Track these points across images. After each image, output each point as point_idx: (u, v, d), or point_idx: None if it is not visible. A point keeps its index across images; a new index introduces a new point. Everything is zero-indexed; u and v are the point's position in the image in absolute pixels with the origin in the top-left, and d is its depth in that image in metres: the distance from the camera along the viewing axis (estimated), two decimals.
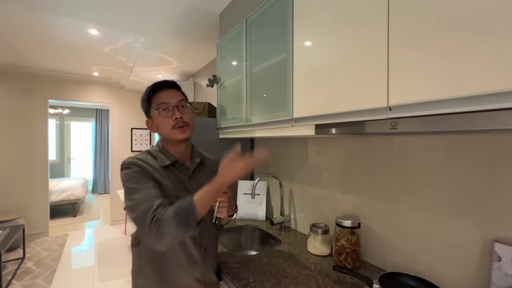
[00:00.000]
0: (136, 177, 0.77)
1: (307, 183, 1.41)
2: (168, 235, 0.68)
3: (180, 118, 0.85)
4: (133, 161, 0.80)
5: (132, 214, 0.72)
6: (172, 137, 0.85)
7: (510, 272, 0.67)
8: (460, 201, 0.80)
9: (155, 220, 0.68)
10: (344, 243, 1.05)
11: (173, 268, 0.82)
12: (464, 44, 0.52)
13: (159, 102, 0.85)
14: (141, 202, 0.72)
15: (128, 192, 0.75)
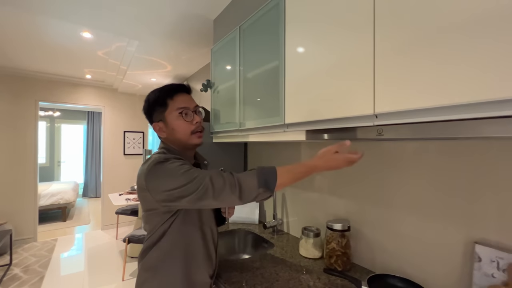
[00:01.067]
0: (183, 162, 0.76)
1: (300, 187, 1.43)
2: (251, 193, 0.71)
3: (199, 123, 0.87)
4: (169, 156, 0.78)
5: (200, 181, 0.70)
6: (189, 141, 0.86)
7: (490, 272, 0.70)
8: (444, 205, 0.83)
9: (239, 181, 0.70)
10: (335, 246, 1.07)
11: (197, 263, 0.85)
12: (445, 56, 0.55)
13: (180, 106, 0.84)
14: (204, 173, 0.72)
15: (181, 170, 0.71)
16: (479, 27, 0.50)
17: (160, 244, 0.81)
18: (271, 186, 0.72)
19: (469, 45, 0.51)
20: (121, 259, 2.94)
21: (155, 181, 0.73)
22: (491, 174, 0.73)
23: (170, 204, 0.73)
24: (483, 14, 0.49)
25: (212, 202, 0.71)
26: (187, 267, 0.83)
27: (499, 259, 0.69)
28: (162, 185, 0.72)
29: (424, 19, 0.59)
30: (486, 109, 0.51)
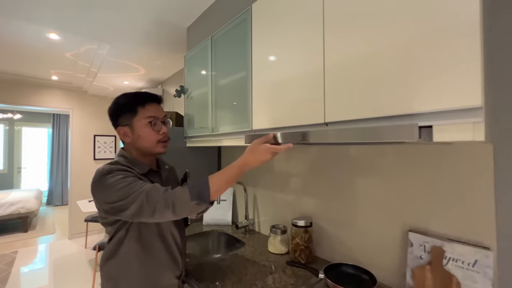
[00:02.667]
0: (125, 175, 0.77)
1: (270, 189, 1.53)
2: (185, 208, 0.73)
3: (166, 133, 0.90)
4: (113, 167, 0.79)
5: (135, 197, 0.72)
6: (154, 150, 0.88)
7: (419, 255, 0.84)
8: (386, 202, 0.97)
9: (171, 197, 0.72)
10: (299, 241, 1.17)
11: (160, 268, 0.86)
12: (367, 81, 0.67)
13: (149, 115, 0.86)
14: (143, 187, 0.73)
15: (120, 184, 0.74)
16: (387, 64, 0.63)
17: (118, 254, 0.82)
18: (204, 197, 0.74)
19: (380, 76, 0.64)
20: (90, 269, 2.82)
21: (98, 193, 0.77)
22: (418, 174, 0.88)
23: (114, 216, 0.76)
24: (387, 61, 0.62)
25: (149, 218, 0.73)
26: (150, 273, 0.84)
27: (425, 243, 0.83)
28: (104, 197, 0.75)
29: (354, 53, 0.71)
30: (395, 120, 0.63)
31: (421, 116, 0.60)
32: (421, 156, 0.88)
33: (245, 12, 1.16)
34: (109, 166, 0.80)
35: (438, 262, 0.78)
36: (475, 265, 0.73)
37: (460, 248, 0.76)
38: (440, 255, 0.79)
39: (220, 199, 1.72)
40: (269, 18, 1.02)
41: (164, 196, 0.73)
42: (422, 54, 0.59)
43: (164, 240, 0.88)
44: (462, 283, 0.74)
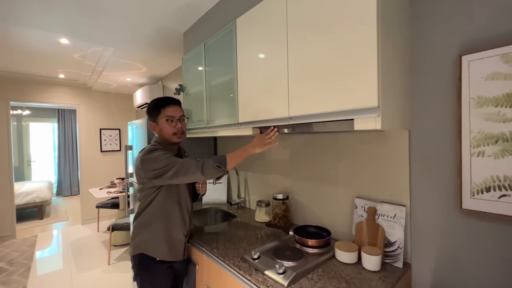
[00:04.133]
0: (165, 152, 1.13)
1: (257, 172, 1.81)
2: (211, 171, 1.09)
3: (180, 128, 1.24)
4: (157, 146, 1.17)
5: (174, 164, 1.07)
6: (171, 139, 1.23)
7: (360, 214, 1.13)
8: (341, 176, 1.25)
9: (202, 163, 1.09)
10: (278, 211, 1.47)
11: (174, 225, 1.20)
12: (323, 84, 0.94)
13: (168, 114, 1.22)
14: (179, 159, 1.10)
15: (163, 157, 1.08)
16: (329, 73, 0.89)
17: (148, 210, 1.17)
18: (223, 164, 1.13)
19: (326, 81, 0.90)
20: (104, 248, 3.17)
21: (146, 164, 1.10)
22: (362, 156, 1.16)
23: (156, 180, 1.09)
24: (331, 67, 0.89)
25: (183, 178, 1.09)
26: (167, 227, 1.18)
27: (365, 205, 1.12)
28: (150, 166, 1.09)
29: (310, 62, 0.97)
30: (341, 115, 0.90)
31: (348, 112, 0.87)
32: (364, 142, 1.15)
33: (231, 25, 1.40)
34: (154, 146, 1.17)
35: (372, 218, 1.07)
36: (394, 217, 1.02)
37: (387, 206, 1.05)
38: (373, 213, 1.08)
39: (217, 181, 2.01)
40: (249, 31, 1.27)
41: (195, 162, 1.10)
42: (346, 70, 0.85)
43: (180, 206, 1.22)
44: (386, 230, 1.03)
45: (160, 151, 1.12)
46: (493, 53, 0.79)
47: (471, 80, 0.84)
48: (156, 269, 1.16)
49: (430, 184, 0.96)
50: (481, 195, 0.82)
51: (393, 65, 0.87)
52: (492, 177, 0.80)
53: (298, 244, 1.17)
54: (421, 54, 0.97)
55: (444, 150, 0.92)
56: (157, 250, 1.16)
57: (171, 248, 1.18)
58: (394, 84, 0.88)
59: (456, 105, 0.88)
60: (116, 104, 4.53)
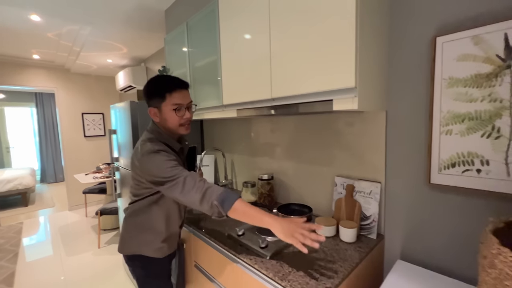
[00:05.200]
0: (169, 157, 0.95)
1: (244, 154, 1.84)
2: (208, 201, 0.85)
3: (188, 119, 1.05)
4: (159, 148, 0.96)
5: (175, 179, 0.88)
6: (177, 131, 1.05)
7: (339, 191, 1.19)
8: (323, 156, 1.30)
9: (204, 192, 0.85)
10: (263, 191, 1.52)
11: (173, 221, 1.13)
12: (302, 67, 0.95)
13: (175, 102, 1.00)
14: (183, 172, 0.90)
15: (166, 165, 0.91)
16: (310, 54, 0.90)
17: (147, 210, 1.06)
18: (225, 206, 0.85)
19: (307, 63, 0.91)
20: (94, 233, 3.18)
21: (147, 165, 0.95)
22: (342, 137, 1.20)
23: (152, 185, 0.96)
24: (309, 46, 0.89)
25: (178, 196, 0.89)
26: (167, 227, 1.12)
27: (344, 183, 1.18)
28: (150, 171, 0.93)
29: (295, 41, 0.97)
30: (326, 95, 0.92)
31: (327, 93, 0.89)
32: (344, 123, 1.19)
33: (213, 3, 1.36)
34: (155, 146, 0.96)
35: (350, 194, 1.14)
36: (370, 193, 1.09)
37: (364, 183, 1.11)
38: (351, 190, 1.14)
39: (204, 164, 2.03)
40: (232, 11, 1.24)
41: (199, 184, 0.88)
42: (326, 53, 0.86)
43: (179, 206, 1.14)
44: (362, 205, 1.10)
45: (163, 154, 0.95)
46: (465, 35, 0.82)
47: (444, 61, 0.87)
48: (157, 266, 1.13)
49: (404, 162, 1.02)
50: (447, 171, 0.89)
51: (371, 47, 0.89)
52: (457, 153, 0.86)
53: None
54: (399, 36, 0.99)
55: (417, 129, 0.97)
56: (158, 251, 1.11)
57: (169, 244, 1.16)
58: (371, 65, 0.90)
59: (429, 86, 0.92)
60: (98, 87, 4.35)
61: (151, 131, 1.07)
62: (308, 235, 0.76)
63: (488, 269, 0.50)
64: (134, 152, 1.04)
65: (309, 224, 0.81)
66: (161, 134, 1.05)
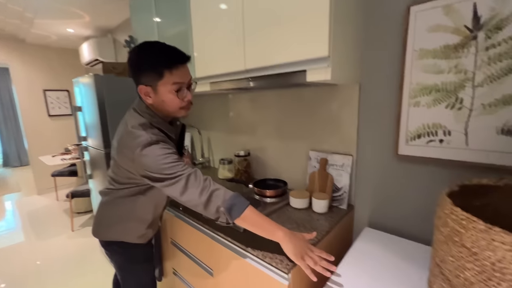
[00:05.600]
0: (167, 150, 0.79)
1: (220, 131, 1.80)
2: (214, 206, 0.76)
3: (189, 100, 0.87)
4: (155, 138, 0.80)
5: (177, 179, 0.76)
6: (176, 114, 0.89)
7: (313, 165, 1.21)
8: (298, 131, 1.30)
9: (209, 195, 0.75)
10: (240, 167, 1.51)
11: (159, 208, 1.07)
12: (275, 34, 0.90)
13: (176, 81, 0.81)
14: (185, 170, 0.77)
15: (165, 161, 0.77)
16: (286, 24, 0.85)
17: (134, 199, 0.95)
18: (232, 213, 0.76)
19: (280, 32, 0.87)
20: (66, 216, 3.05)
21: (143, 160, 0.78)
22: (316, 112, 1.20)
23: (146, 180, 0.82)
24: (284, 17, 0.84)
25: (178, 196, 0.77)
26: (154, 213, 1.05)
27: (318, 156, 1.20)
28: (148, 167, 0.78)
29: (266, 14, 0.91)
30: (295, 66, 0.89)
31: (301, 63, 0.86)
32: (319, 97, 1.18)
33: None
34: (152, 136, 0.80)
35: (323, 168, 1.16)
36: (342, 166, 1.11)
37: (336, 157, 1.13)
38: (325, 163, 1.16)
39: None
40: None
41: (204, 183, 0.77)
42: (299, 23, 0.82)
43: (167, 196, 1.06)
44: (335, 178, 1.13)
45: (162, 146, 0.80)
46: (437, 4, 0.81)
47: (416, 32, 0.87)
48: (139, 251, 1.08)
49: (374, 135, 1.04)
50: (413, 142, 0.92)
51: (345, 15, 0.86)
52: (423, 124, 0.89)
53: (257, 196, 1.24)
54: (374, 4, 0.97)
55: (388, 102, 0.98)
56: (142, 237, 1.04)
57: (154, 228, 1.11)
58: (346, 35, 0.88)
59: (401, 57, 0.92)
60: (60, 61, 3.95)
61: (141, 112, 0.87)
62: (319, 262, 0.71)
63: (441, 228, 0.53)
64: (122, 137, 0.85)
65: (320, 251, 0.75)
66: (153, 118, 0.87)
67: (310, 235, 0.81)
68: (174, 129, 0.96)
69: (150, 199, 0.99)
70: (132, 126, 0.83)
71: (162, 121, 0.89)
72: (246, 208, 0.77)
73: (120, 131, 0.89)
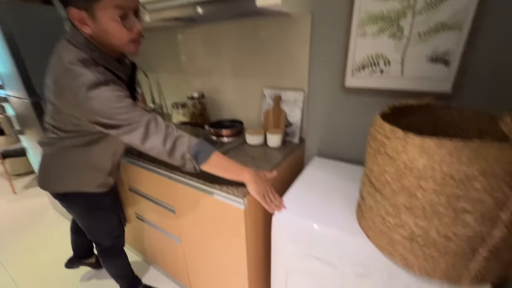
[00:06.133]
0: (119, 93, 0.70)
1: (170, 72, 1.64)
2: (179, 160, 0.74)
3: (139, 31, 0.72)
4: (102, 78, 0.69)
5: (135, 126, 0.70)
6: (125, 49, 0.74)
7: (268, 102, 1.22)
8: (252, 69, 1.25)
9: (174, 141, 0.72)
10: (195, 110, 1.45)
11: (120, 153, 1.00)
12: None
13: (118, 4, 0.65)
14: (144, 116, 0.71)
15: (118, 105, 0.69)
16: None
17: (89, 150, 0.87)
18: (199, 159, 0.75)
19: None
20: (2, 179, 2.73)
21: (90, 102, 0.68)
22: (269, 49, 1.14)
23: (97, 127, 0.73)
24: None
25: (139, 144, 0.72)
26: (113, 160, 0.98)
27: (272, 94, 1.20)
28: (99, 112, 0.69)
29: None
30: None
31: None
32: (271, 33, 1.12)
33: None
34: (98, 76, 0.68)
35: (277, 104, 1.18)
36: (295, 102, 1.15)
37: (289, 93, 1.15)
38: (279, 100, 1.18)
39: None
40: None
41: (167, 130, 0.73)
42: None
43: None
44: (288, 114, 1.17)
45: (112, 87, 0.69)
46: None
47: None
48: (100, 199, 1.03)
49: (324, 69, 1.06)
50: (358, 73, 0.97)
51: None
52: (368, 55, 0.93)
53: (214, 136, 1.24)
54: None
55: (339, 33, 0.98)
56: (103, 186, 1.00)
57: (115, 175, 1.05)
58: None
59: None
60: None
61: (78, 46, 0.70)
62: (274, 200, 0.81)
63: (371, 143, 0.61)
64: (58, 77, 0.70)
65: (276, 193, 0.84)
66: (95, 53, 0.72)
67: (271, 175, 0.87)
68: (123, 68, 0.81)
69: (106, 148, 0.91)
70: (70, 61, 0.68)
71: (108, 58, 0.75)
72: (212, 154, 0.76)
73: (53, 67, 0.73)
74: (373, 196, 0.63)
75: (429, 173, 0.47)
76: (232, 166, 0.79)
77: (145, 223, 1.34)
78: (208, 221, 0.98)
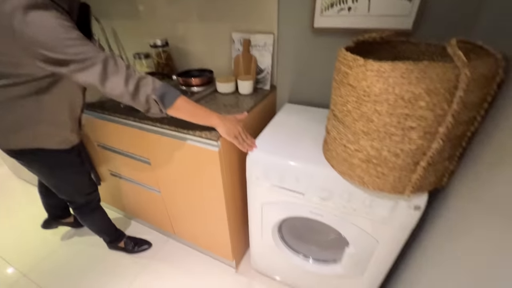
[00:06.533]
0: (69, 23, 0.63)
1: (127, 18, 1.46)
2: (143, 104, 0.71)
3: None
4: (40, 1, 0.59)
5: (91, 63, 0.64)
6: None
7: (237, 48, 1.18)
8: (218, 11, 1.16)
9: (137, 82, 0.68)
10: (159, 60, 1.35)
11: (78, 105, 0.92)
12: None
13: None
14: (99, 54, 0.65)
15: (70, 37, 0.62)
16: None
17: (39, 99, 0.77)
18: (165, 101, 0.73)
19: None
20: None
21: (29, 29, 0.59)
22: None
23: (41, 64, 0.65)
24: None
25: (97, 84, 0.66)
26: (71, 113, 0.89)
27: (241, 38, 1.15)
28: (38, 40, 0.60)
29: None
30: None
31: None
32: None
33: None
34: None
35: (246, 49, 1.14)
36: (264, 46, 1.11)
37: (259, 36, 1.11)
38: (248, 44, 1.14)
39: None
40: None
41: (128, 71, 0.68)
42: None
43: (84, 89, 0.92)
44: (258, 59, 1.15)
45: (56, 14, 0.61)
46: None
47: None
48: (65, 156, 0.96)
49: (294, 9, 1.02)
50: (327, 12, 0.95)
51: None
52: None
53: (184, 86, 1.19)
54: None
55: None
56: (64, 142, 0.93)
57: (78, 133, 0.98)
58: None
59: None
60: None
61: None
62: (245, 140, 0.84)
63: (336, 76, 0.64)
64: None
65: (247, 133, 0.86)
66: None
67: (241, 116, 0.89)
68: (67, 2, 0.70)
69: (59, 97, 0.82)
70: None
71: None
72: (178, 97, 0.75)
73: None
74: (337, 128, 0.68)
75: (384, 97, 0.52)
76: (200, 110, 0.79)
77: (121, 179, 1.33)
78: (184, 167, 1.00)
